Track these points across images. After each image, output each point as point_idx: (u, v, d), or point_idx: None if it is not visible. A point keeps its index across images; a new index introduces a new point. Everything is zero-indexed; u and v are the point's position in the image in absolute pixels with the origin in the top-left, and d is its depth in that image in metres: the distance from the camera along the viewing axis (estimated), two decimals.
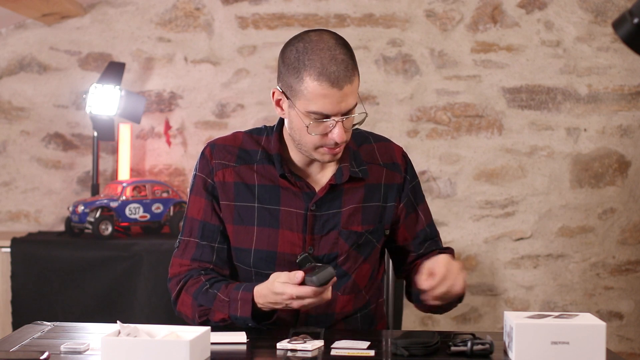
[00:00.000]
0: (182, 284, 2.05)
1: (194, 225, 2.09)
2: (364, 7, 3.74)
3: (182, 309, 2.05)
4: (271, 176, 2.06)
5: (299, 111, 1.94)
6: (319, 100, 1.91)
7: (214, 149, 2.10)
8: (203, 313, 2.01)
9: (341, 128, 1.93)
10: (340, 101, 1.91)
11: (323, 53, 1.91)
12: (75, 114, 3.77)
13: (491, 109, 3.75)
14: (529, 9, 3.73)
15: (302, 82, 1.92)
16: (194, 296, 2.02)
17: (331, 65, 1.90)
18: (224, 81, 3.77)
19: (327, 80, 1.90)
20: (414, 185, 2.17)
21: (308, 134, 1.95)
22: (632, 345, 3.77)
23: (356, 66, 1.95)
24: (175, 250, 2.11)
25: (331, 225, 2.06)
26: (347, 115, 1.94)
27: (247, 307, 1.93)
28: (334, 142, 1.95)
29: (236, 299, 1.95)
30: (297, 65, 1.92)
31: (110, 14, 3.76)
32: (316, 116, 1.93)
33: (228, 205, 2.07)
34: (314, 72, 1.90)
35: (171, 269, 2.10)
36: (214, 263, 2.07)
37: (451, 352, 1.80)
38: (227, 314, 1.97)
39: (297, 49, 1.94)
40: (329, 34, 1.96)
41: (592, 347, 1.70)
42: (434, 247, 2.18)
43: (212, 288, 2.01)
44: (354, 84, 1.93)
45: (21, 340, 1.90)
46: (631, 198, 3.75)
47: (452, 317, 3.76)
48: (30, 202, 3.79)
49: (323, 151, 1.98)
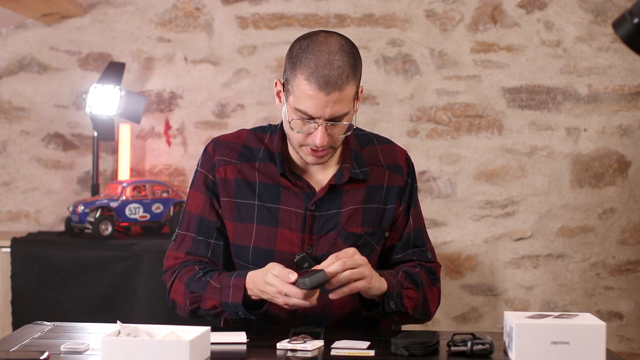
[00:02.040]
0: (176, 274, 2.07)
1: (192, 220, 2.10)
2: (364, 7, 3.74)
3: (175, 296, 2.06)
4: (272, 175, 2.07)
5: (290, 105, 1.96)
6: (305, 100, 1.92)
7: (217, 146, 2.11)
8: (194, 300, 2.01)
9: (323, 132, 1.94)
10: (325, 106, 1.92)
11: (321, 55, 1.92)
12: (75, 114, 3.77)
13: (491, 109, 3.75)
14: (529, 9, 3.73)
15: (295, 79, 1.93)
16: (186, 284, 2.03)
17: (324, 69, 1.90)
18: (224, 81, 3.77)
19: (316, 82, 1.90)
20: (413, 188, 2.17)
21: (291, 128, 1.97)
22: (632, 345, 3.77)
23: (355, 76, 1.95)
24: (172, 244, 2.12)
25: (330, 225, 2.06)
26: (332, 121, 1.94)
27: (239, 294, 1.94)
28: (314, 144, 1.96)
29: (228, 285, 1.96)
30: (295, 61, 1.94)
31: (110, 14, 3.76)
32: (302, 115, 1.94)
33: (228, 201, 2.08)
34: (307, 71, 1.91)
35: (166, 261, 2.11)
36: (209, 258, 2.09)
37: (451, 352, 1.80)
38: (218, 301, 1.97)
39: (301, 46, 1.95)
40: (337, 38, 1.96)
41: (592, 347, 1.70)
42: (417, 257, 2.15)
43: (205, 276, 2.02)
44: (344, 92, 1.92)
45: (21, 340, 1.90)
46: (631, 198, 3.75)
47: (452, 317, 3.76)
48: (30, 202, 3.79)
49: (306, 151, 1.99)
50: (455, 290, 3.77)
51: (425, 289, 2.08)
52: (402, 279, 2.04)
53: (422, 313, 2.08)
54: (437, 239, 3.74)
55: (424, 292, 2.08)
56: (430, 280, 2.12)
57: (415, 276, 2.07)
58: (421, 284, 2.07)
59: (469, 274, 3.76)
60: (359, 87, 2.00)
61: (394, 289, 1.99)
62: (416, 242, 2.16)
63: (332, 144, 1.99)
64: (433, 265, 2.16)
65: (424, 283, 2.08)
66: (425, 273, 2.12)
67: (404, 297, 2.02)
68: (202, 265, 2.06)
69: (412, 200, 2.16)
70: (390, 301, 1.99)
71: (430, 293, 2.10)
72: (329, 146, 1.98)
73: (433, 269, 2.16)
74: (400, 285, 2.01)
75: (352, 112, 1.99)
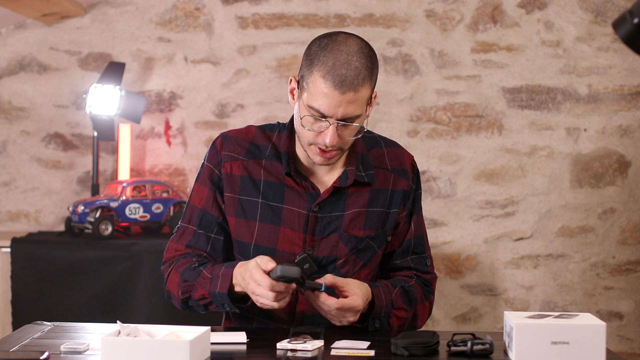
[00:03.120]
0: (173, 265, 2.08)
1: (194, 213, 2.11)
2: (364, 7, 3.74)
3: (170, 287, 2.07)
4: (278, 173, 2.07)
5: (303, 102, 1.96)
6: (319, 97, 1.92)
7: (225, 141, 2.12)
8: (186, 289, 2.02)
9: (334, 132, 1.94)
10: (339, 105, 1.92)
11: (340, 54, 1.92)
12: (75, 114, 3.77)
13: (491, 109, 3.75)
14: (529, 9, 3.73)
15: (311, 76, 1.94)
16: (181, 274, 2.04)
17: (341, 68, 1.91)
18: (224, 81, 3.77)
19: (332, 80, 1.90)
20: (417, 195, 2.17)
21: (302, 125, 1.97)
22: (632, 345, 3.77)
23: (370, 79, 1.95)
24: (173, 235, 2.14)
25: (332, 227, 2.06)
26: (344, 122, 1.94)
27: (226, 284, 1.94)
28: (324, 143, 1.96)
29: (218, 275, 1.97)
30: (313, 59, 1.94)
31: (110, 14, 3.76)
32: (314, 112, 1.94)
33: (232, 197, 2.08)
34: (324, 69, 1.91)
35: (166, 252, 2.13)
36: (208, 252, 2.09)
37: (451, 352, 1.80)
38: (207, 290, 1.98)
39: (320, 44, 1.95)
40: (356, 40, 1.96)
41: (592, 347, 1.71)
42: (415, 264, 2.15)
43: (200, 266, 2.03)
44: (359, 94, 1.92)
45: (21, 340, 1.90)
46: (631, 198, 3.75)
47: (452, 317, 3.77)
48: (30, 202, 3.79)
49: (315, 150, 1.99)
50: (455, 290, 3.77)
51: (417, 305, 2.09)
52: (397, 296, 2.04)
53: (409, 328, 2.09)
54: (437, 239, 3.74)
55: (415, 311, 2.08)
56: (424, 293, 2.12)
57: (410, 294, 2.08)
58: (415, 301, 2.08)
59: (469, 274, 3.76)
60: (373, 91, 1.99)
61: (382, 310, 2.00)
62: (416, 248, 2.15)
63: (341, 145, 1.98)
64: (430, 277, 2.16)
65: (417, 300, 2.09)
66: (420, 287, 2.12)
67: (392, 316, 2.03)
68: (201, 259, 2.07)
69: (415, 206, 2.16)
70: (376, 320, 2.00)
71: (422, 308, 2.11)
72: (338, 147, 1.98)
73: (429, 280, 2.16)
74: (391, 305, 2.02)
75: (364, 116, 1.99)
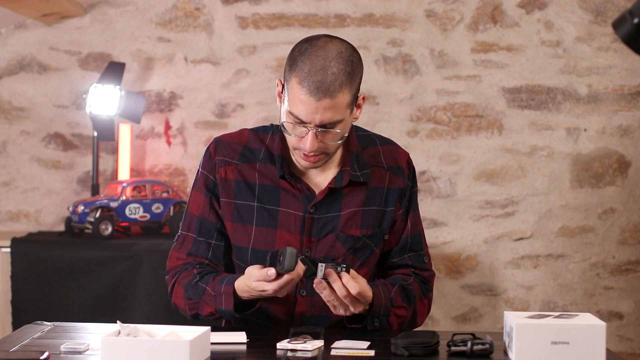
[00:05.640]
0: (176, 277, 2.09)
1: (192, 221, 2.11)
2: (364, 7, 3.74)
3: (176, 300, 2.09)
4: (272, 176, 2.07)
5: (285, 107, 1.96)
6: (297, 104, 1.92)
7: (219, 146, 2.11)
8: (193, 307, 2.04)
9: (313, 138, 1.93)
10: (315, 112, 1.91)
11: (317, 60, 1.90)
12: (75, 114, 3.77)
13: (491, 109, 3.75)
14: (529, 9, 3.73)
15: (289, 82, 1.93)
16: (185, 288, 2.05)
17: (317, 75, 1.89)
18: (224, 81, 3.77)
19: (307, 87, 1.89)
20: (413, 193, 2.16)
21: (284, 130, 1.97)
22: (632, 345, 3.77)
23: (350, 84, 1.92)
24: (174, 244, 2.14)
25: (329, 228, 2.06)
26: (324, 128, 1.93)
27: (230, 301, 1.96)
28: (304, 149, 1.95)
29: (220, 293, 1.98)
30: (292, 64, 1.94)
31: (110, 14, 3.76)
32: (294, 118, 1.94)
33: (228, 202, 2.08)
34: (300, 75, 1.91)
35: (169, 262, 2.13)
36: (210, 259, 2.10)
37: (451, 352, 1.80)
38: (214, 308, 2.00)
39: (300, 49, 1.94)
40: (337, 44, 1.94)
41: (592, 347, 1.71)
42: (413, 262, 2.14)
43: (201, 281, 2.03)
44: (336, 100, 1.90)
45: (21, 340, 1.90)
46: (631, 198, 3.75)
47: (452, 317, 3.77)
48: (30, 202, 3.79)
49: (299, 155, 1.99)
50: (455, 290, 3.77)
51: (416, 303, 2.08)
52: (396, 295, 2.03)
53: (408, 326, 2.08)
54: (437, 239, 3.74)
55: (414, 309, 2.08)
56: (422, 291, 2.12)
57: (409, 292, 2.07)
58: (413, 299, 2.07)
59: (468, 274, 3.76)
60: (356, 95, 1.97)
61: (382, 308, 1.99)
62: (413, 246, 2.15)
63: (324, 150, 1.97)
64: (428, 275, 2.15)
65: (416, 297, 2.08)
66: (419, 284, 2.12)
67: (392, 314, 2.02)
68: (201, 268, 2.07)
69: (411, 204, 2.15)
70: (375, 319, 1.99)
71: (421, 306, 2.10)
72: (321, 152, 1.97)
73: (427, 278, 2.15)
74: (390, 303, 2.01)
75: (348, 120, 1.97)
